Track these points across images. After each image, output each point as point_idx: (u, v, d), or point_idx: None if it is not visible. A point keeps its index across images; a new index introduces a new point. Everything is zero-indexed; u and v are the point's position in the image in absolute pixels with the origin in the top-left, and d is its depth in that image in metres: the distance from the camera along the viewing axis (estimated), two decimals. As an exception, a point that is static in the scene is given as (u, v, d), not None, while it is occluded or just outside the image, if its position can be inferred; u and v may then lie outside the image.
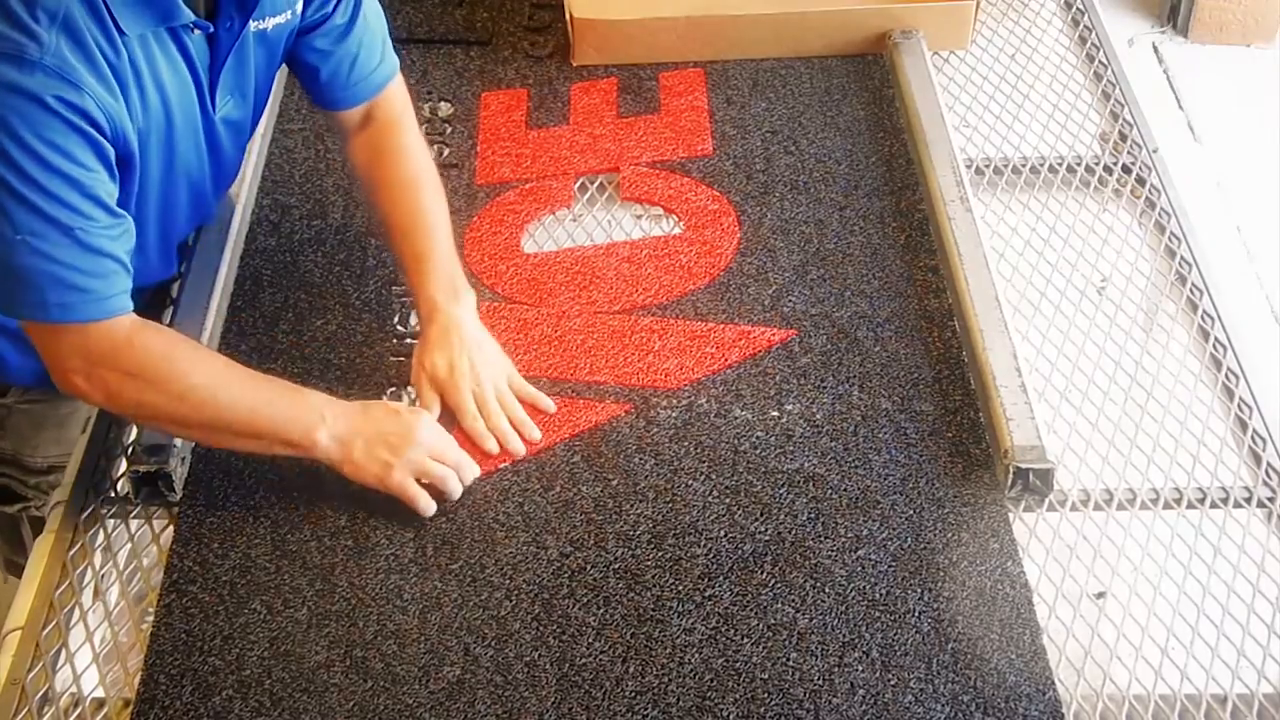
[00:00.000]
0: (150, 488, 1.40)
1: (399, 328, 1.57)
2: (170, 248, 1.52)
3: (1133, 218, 1.73)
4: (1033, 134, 1.86)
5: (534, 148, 1.84)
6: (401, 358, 1.51)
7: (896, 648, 1.25)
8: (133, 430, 1.46)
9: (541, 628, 1.27)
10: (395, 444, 1.34)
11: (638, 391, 1.50)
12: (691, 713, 1.20)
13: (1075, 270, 1.65)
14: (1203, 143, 2.13)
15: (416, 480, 1.36)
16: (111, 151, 1.24)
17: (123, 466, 1.43)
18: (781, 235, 1.69)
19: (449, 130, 1.88)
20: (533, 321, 1.59)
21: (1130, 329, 1.57)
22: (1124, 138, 1.85)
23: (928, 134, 1.77)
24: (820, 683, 1.22)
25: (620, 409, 1.48)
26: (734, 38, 1.97)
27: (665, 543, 1.34)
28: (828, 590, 1.30)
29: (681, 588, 1.30)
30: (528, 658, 1.25)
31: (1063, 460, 1.41)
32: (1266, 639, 1.26)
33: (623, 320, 1.59)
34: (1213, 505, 1.38)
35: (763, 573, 1.31)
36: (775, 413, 1.47)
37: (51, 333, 1.27)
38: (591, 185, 1.80)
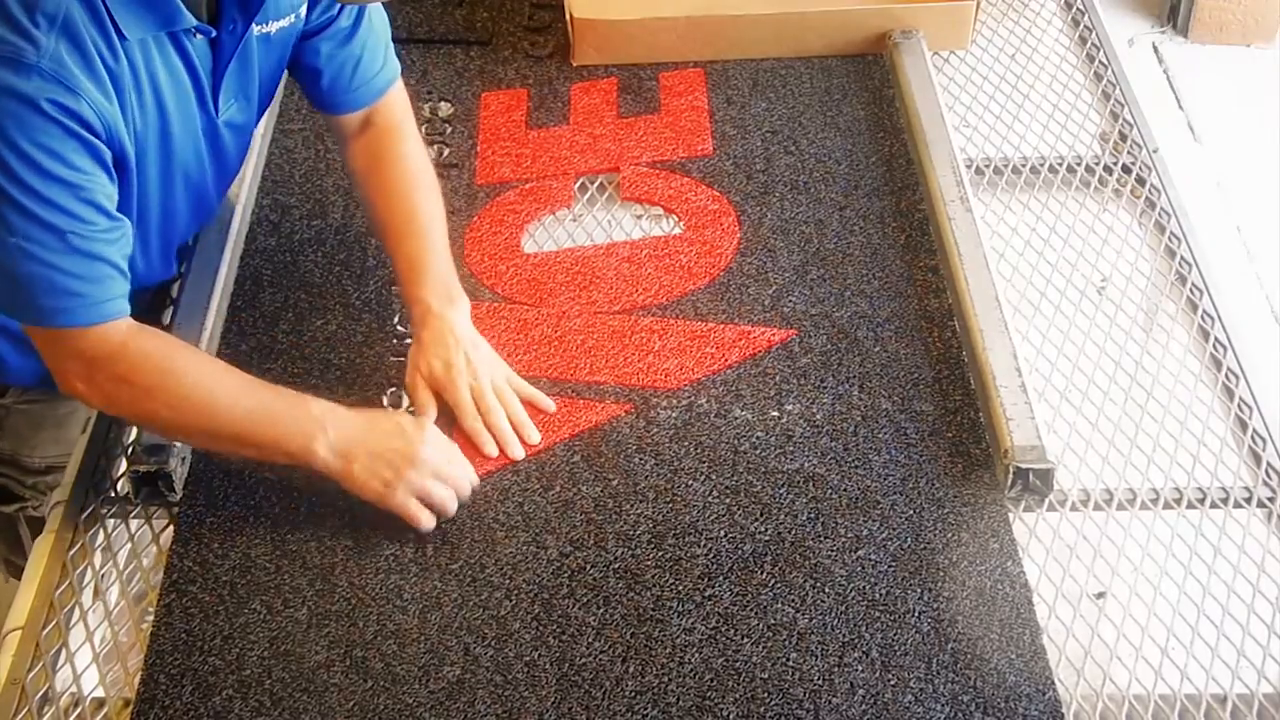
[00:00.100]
0: (150, 488, 1.40)
1: (399, 328, 1.57)
2: (171, 249, 1.52)
3: (1133, 218, 1.73)
4: (1033, 134, 1.86)
5: (534, 148, 1.84)
6: (401, 358, 1.51)
7: (896, 648, 1.25)
8: (133, 430, 1.46)
9: (541, 628, 1.27)
10: (397, 464, 1.32)
11: (638, 391, 1.50)
12: (691, 713, 1.20)
13: (1075, 270, 1.65)
14: (1203, 143, 2.13)
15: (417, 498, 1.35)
16: (108, 154, 1.24)
17: (123, 466, 1.43)
18: (781, 235, 1.69)
19: (449, 130, 1.88)
20: (533, 321, 1.59)
21: (1130, 329, 1.57)
22: (1124, 138, 1.84)
23: (928, 134, 1.77)
24: (820, 683, 1.22)
25: (620, 409, 1.48)
26: (734, 38, 1.97)
27: (665, 543, 1.34)
28: (828, 590, 1.30)
29: (681, 588, 1.30)
30: (528, 658, 1.25)
31: (1063, 460, 1.41)
32: (1266, 639, 1.26)
33: (623, 320, 1.59)
34: (1213, 505, 1.38)
35: (763, 573, 1.31)
36: (775, 413, 1.47)
37: (50, 337, 1.27)
38: (591, 185, 1.80)
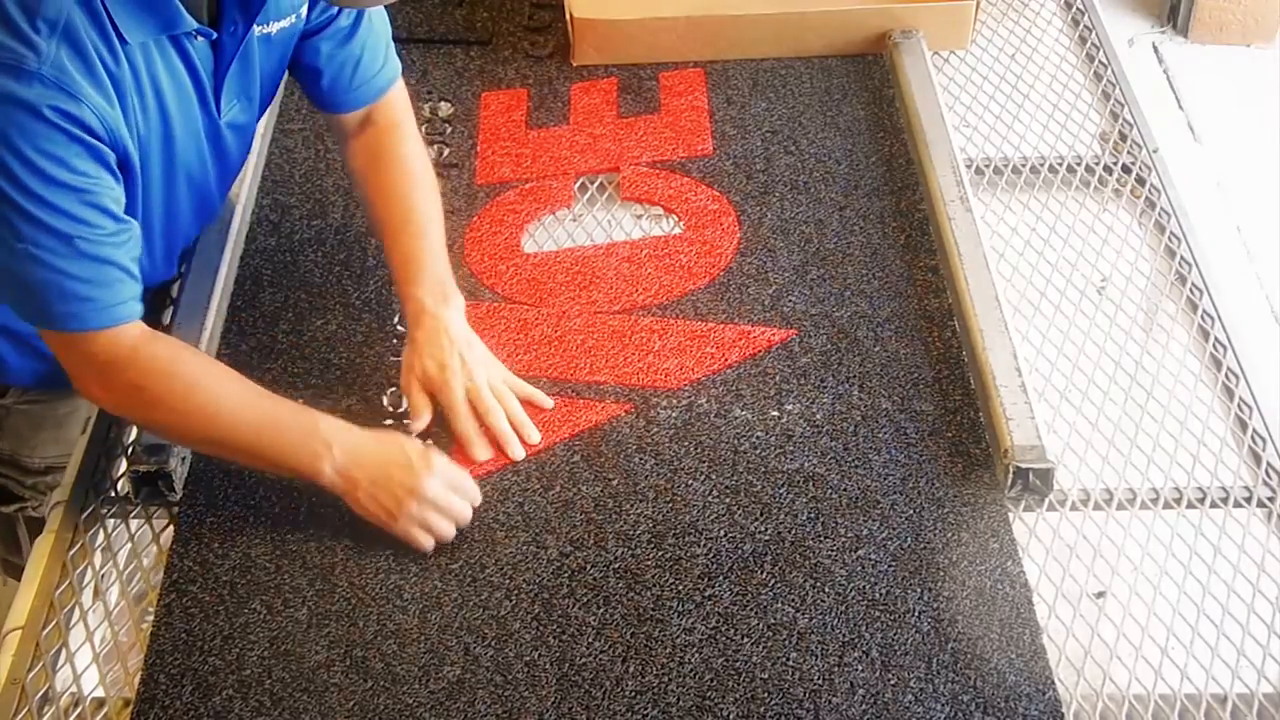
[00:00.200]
0: (150, 488, 1.40)
1: (399, 328, 1.57)
2: (174, 250, 1.52)
3: (1133, 218, 1.73)
4: (1033, 134, 1.86)
5: (534, 148, 1.84)
6: (401, 358, 1.51)
7: (896, 648, 1.25)
8: (133, 430, 1.46)
9: (541, 628, 1.27)
10: (400, 496, 1.31)
11: (638, 391, 1.50)
12: (691, 713, 1.20)
13: (1075, 270, 1.64)
14: (1203, 143, 2.13)
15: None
16: (113, 157, 1.24)
17: (123, 466, 1.43)
18: (781, 235, 1.69)
19: (449, 130, 1.88)
20: (533, 321, 1.59)
21: (1130, 329, 1.57)
22: (1124, 138, 1.84)
23: (928, 134, 1.77)
24: (820, 683, 1.22)
25: (620, 409, 1.48)
26: (734, 38, 1.97)
27: (665, 543, 1.34)
28: (828, 590, 1.30)
29: (681, 588, 1.30)
30: (528, 658, 1.25)
31: (1063, 460, 1.41)
32: (1266, 639, 1.26)
33: (623, 320, 1.59)
34: (1213, 505, 1.38)
35: (763, 573, 1.31)
36: (775, 413, 1.47)
37: (63, 341, 1.28)
38: (591, 185, 1.80)
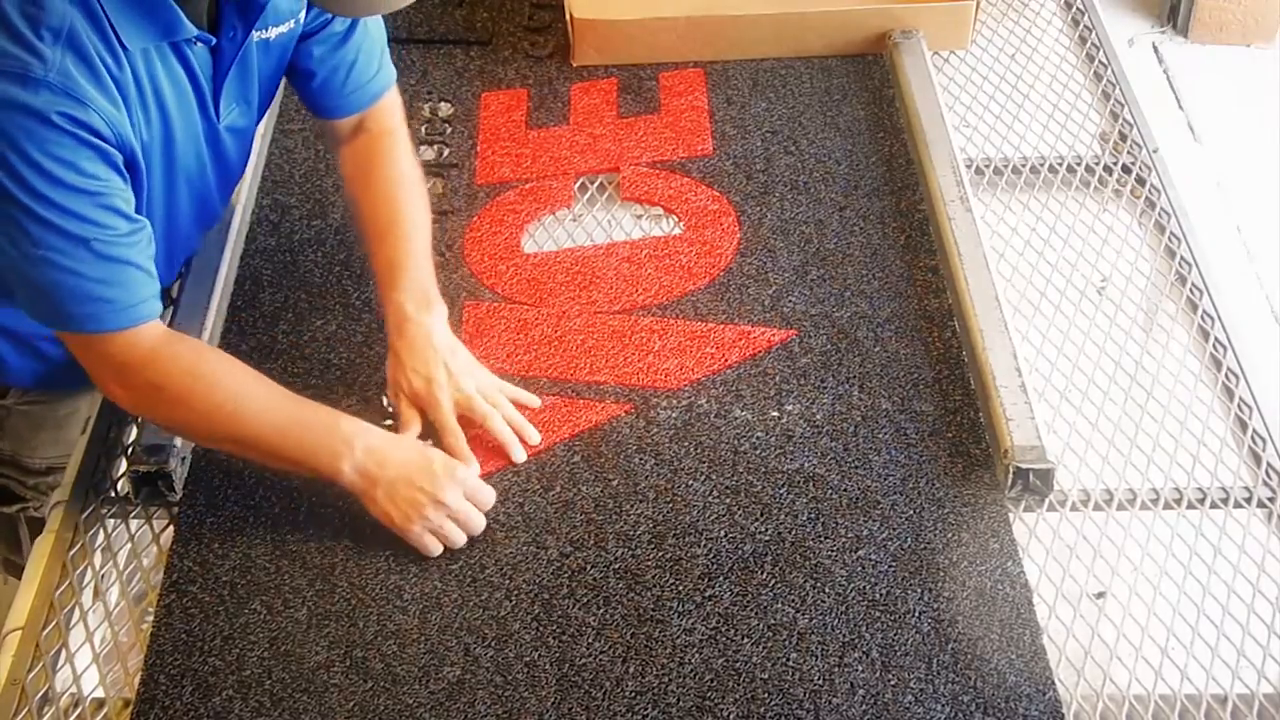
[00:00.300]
0: (150, 488, 1.40)
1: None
2: (175, 255, 1.52)
3: (1133, 218, 1.73)
4: (1033, 134, 1.86)
5: (534, 148, 1.84)
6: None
7: (896, 648, 1.25)
8: (133, 430, 1.46)
9: (541, 628, 1.27)
10: (420, 502, 1.31)
11: (638, 391, 1.50)
12: (691, 713, 1.20)
13: (1075, 270, 1.64)
14: (1203, 143, 2.13)
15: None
16: (120, 159, 1.24)
17: (123, 466, 1.44)
18: (781, 235, 1.69)
19: (449, 130, 1.88)
20: (533, 321, 1.59)
21: (1130, 329, 1.57)
22: (1124, 138, 1.84)
23: (928, 134, 1.77)
24: (820, 683, 1.22)
25: (620, 409, 1.48)
26: (734, 38, 1.97)
27: (665, 543, 1.34)
28: (828, 590, 1.30)
29: (681, 588, 1.30)
30: (528, 658, 1.25)
31: (1063, 460, 1.41)
32: (1266, 639, 1.26)
33: (623, 320, 1.59)
34: (1213, 505, 1.38)
35: (763, 573, 1.31)
36: (775, 413, 1.47)
37: (83, 344, 1.28)
38: (591, 185, 1.80)
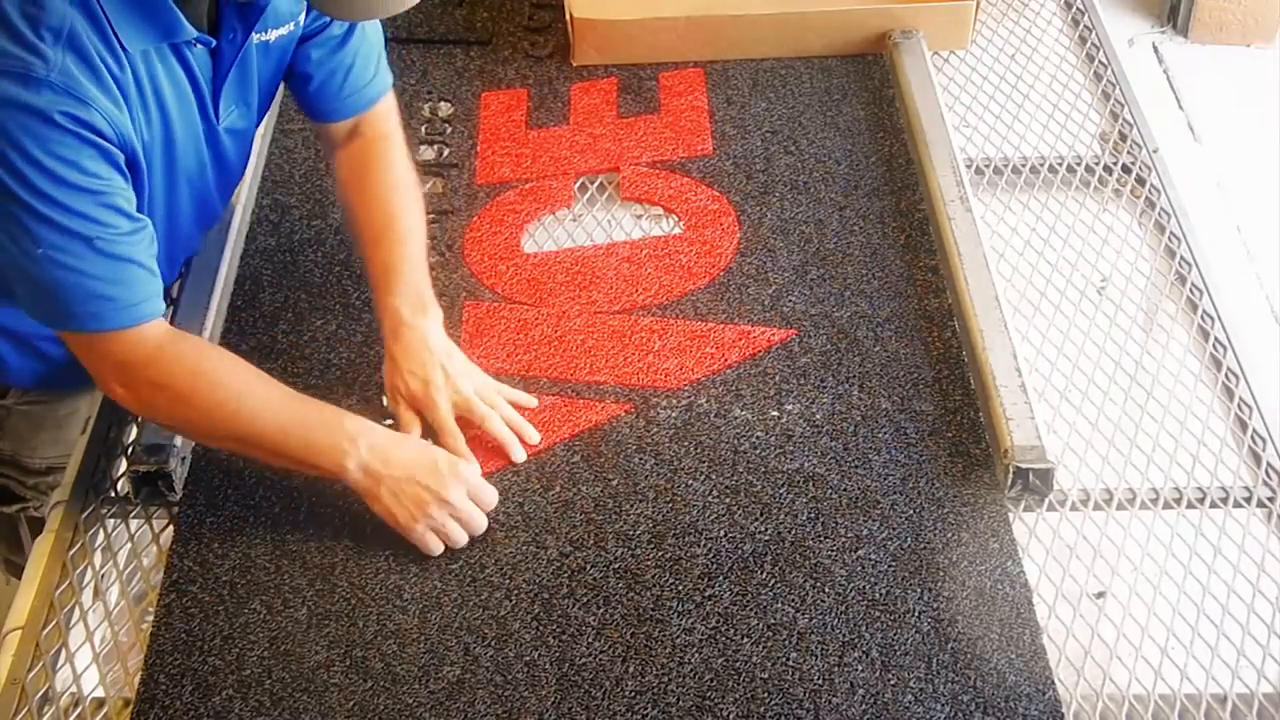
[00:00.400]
0: (150, 488, 1.40)
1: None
2: (176, 254, 1.52)
3: (1133, 218, 1.73)
4: (1033, 134, 1.86)
5: (534, 148, 1.84)
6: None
7: (896, 648, 1.25)
8: (133, 430, 1.46)
9: (541, 628, 1.27)
10: (424, 500, 1.32)
11: (638, 391, 1.50)
12: (691, 713, 1.20)
13: (1075, 270, 1.64)
14: (1203, 143, 2.13)
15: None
16: (122, 158, 1.24)
17: (123, 466, 1.44)
18: (781, 235, 1.69)
19: (449, 130, 1.88)
20: (533, 321, 1.59)
21: (1130, 329, 1.57)
22: (1124, 138, 1.84)
23: (928, 134, 1.77)
24: (820, 683, 1.22)
25: (620, 409, 1.48)
26: (734, 38, 1.97)
27: (665, 543, 1.34)
28: (828, 590, 1.30)
29: (681, 588, 1.30)
30: (528, 658, 1.25)
31: (1063, 460, 1.41)
32: (1266, 639, 1.26)
33: (623, 320, 1.59)
34: (1213, 505, 1.38)
35: (763, 573, 1.31)
36: (775, 413, 1.47)
37: (86, 343, 1.28)
38: (591, 185, 1.80)
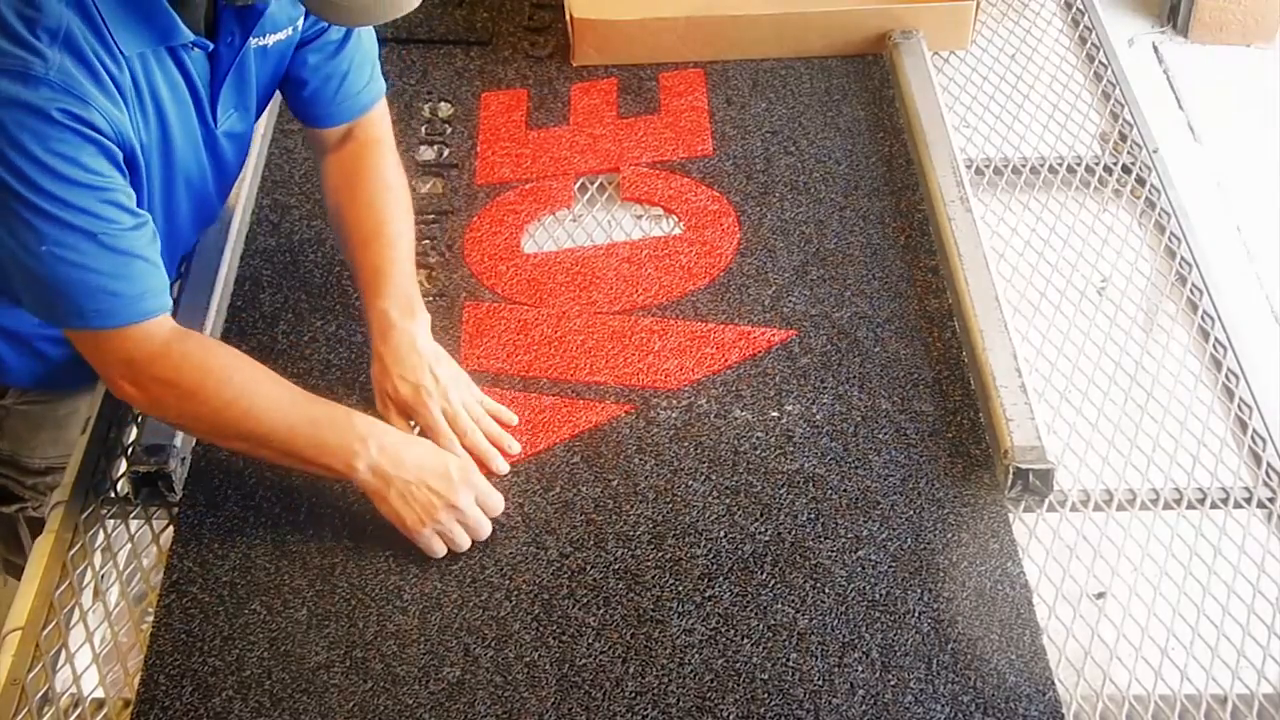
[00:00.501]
0: (150, 488, 1.40)
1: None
2: (174, 255, 1.52)
3: (1133, 218, 1.73)
4: (1033, 134, 1.86)
5: (534, 148, 1.84)
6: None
7: (896, 648, 1.25)
8: (133, 430, 1.46)
9: (541, 628, 1.27)
10: (433, 505, 1.31)
11: (638, 392, 1.50)
12: (691, 713, 1.20)
13: (1075, 270, 1.64)
14: (1203, 143, 2.13)
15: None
16: (121, 155, 1.24)
17: (123, 467, 1.43)
18: (781, 235, 1.69)
19: (449, 130, 1.88)
20: (533, 321, 1.59)
21: (1130, 329, 1.57)
22: (1124, 138, 1.84)
23: (928, 134, 1.77)
24: (820, 683, 1.22)
25: (620, 409, 1.48)
26: (734, 38, 1.97)
27: (665, 543, 1.34)
28: (828, 590, 1.30)
29: (681, 588, 1.30)
30: (528, 658, 1.25)
31: (1063, 460, 1.41)
32: (1266, 639, 1.26)
33: (623, 320, 1.59)
34: (1213, 505, 1.38)
35: (763, 573, 1.31)
36: (775, 413, 1.47)
37: (93, 341, 1.28)
38: (591, 185, 1.80)
